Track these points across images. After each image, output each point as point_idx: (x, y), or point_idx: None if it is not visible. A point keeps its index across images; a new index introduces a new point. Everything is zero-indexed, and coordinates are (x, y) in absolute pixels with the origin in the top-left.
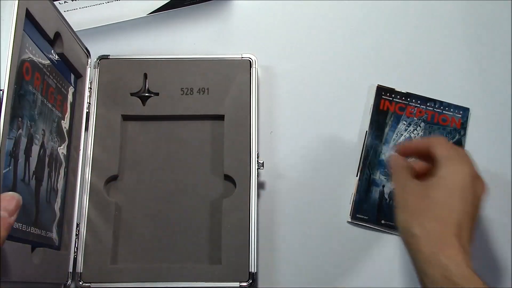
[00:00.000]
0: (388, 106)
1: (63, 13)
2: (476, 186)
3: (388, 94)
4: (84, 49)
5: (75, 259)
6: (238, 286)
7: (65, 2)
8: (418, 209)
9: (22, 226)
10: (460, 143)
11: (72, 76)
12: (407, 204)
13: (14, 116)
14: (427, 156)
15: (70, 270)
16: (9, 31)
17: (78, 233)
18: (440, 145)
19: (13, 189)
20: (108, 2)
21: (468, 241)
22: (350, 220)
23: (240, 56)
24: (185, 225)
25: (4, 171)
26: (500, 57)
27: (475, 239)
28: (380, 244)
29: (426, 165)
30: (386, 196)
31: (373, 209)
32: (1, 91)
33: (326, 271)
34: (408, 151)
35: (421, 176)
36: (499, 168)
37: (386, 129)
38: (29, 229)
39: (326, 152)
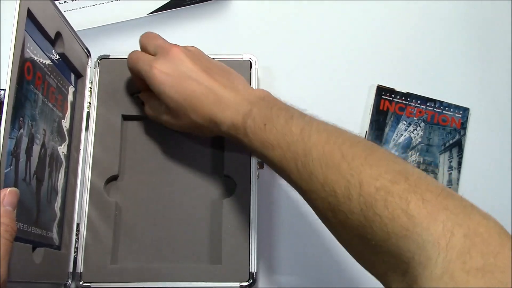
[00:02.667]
0: (388, 106)
1: (63, 13)
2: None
3: (388, 94)
4: (84, 49)
5: (75, 259)
6: (238, 286)
7: (65, 2)
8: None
9: (23, 226)
10: (460, 143)
11: (73, 76)
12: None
13: (15, 116)
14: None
15: (70, 270)
16: (10, 31)
17: (78, 233)
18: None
19: None
20: (108, 2)
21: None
22: None
23: (241, 57)
24: (185, 225)
25: (5, 171)
26: (500, 57)
27: None
28: None
29: None
30: None
31: None
32: (3, 91)
33: (326, 271)
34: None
35: None
36: (499, 168)
37: (386, 129)
38: (30, 229)
39: None
